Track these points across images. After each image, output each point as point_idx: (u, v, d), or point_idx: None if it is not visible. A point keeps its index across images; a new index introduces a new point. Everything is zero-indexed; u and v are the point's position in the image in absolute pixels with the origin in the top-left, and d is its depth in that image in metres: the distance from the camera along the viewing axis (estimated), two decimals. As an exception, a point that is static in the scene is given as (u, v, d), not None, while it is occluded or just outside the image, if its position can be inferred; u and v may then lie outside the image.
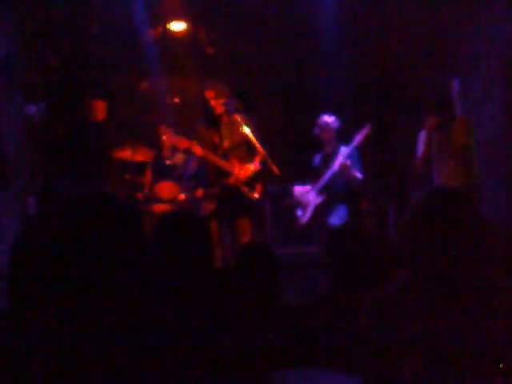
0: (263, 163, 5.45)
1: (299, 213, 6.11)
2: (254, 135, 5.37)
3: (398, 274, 1.85)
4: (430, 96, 5.68)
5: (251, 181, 5.44)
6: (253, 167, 5.44)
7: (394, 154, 7.54)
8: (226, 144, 5.44)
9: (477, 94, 6.53)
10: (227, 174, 5.40)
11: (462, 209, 1.73)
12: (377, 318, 1.70)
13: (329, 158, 6.04)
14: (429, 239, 1.70)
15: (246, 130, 5.35)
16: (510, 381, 1.54)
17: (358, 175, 5.92)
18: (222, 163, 5.39)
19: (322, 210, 5.99)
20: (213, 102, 5.37)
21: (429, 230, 1.70)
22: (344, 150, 5.93)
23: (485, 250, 1.68)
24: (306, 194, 6.09)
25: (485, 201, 5.56)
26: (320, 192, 6.01)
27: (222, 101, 5.37)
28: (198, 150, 5.36)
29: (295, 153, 7.54)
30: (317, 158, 6.20)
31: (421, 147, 5.44)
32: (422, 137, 5.42)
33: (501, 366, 1.53)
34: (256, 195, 5.45)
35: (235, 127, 5.42)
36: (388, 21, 7.16)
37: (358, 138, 5.92)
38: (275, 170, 5.35)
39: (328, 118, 6.09)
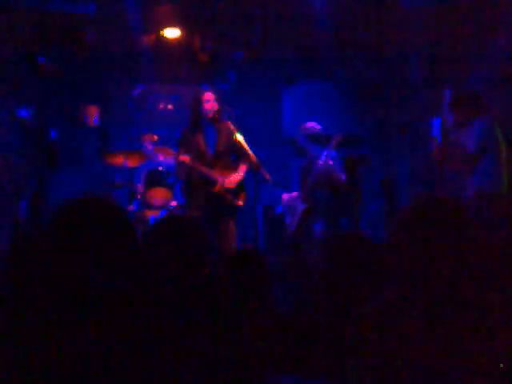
0: (255, 170, 5.44)
1: (288, 220, 6.13)
2: (246, 143, 5.38)
3: (388, 281, 1.85)
4: (455, 92, 5.20)
5: (236, 189, 5.44)
6: (238, 176, 5.45)
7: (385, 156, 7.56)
8: (211, 151, 5.44)
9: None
10: (212, 182, 5.39)
11: (452, 218, 1.74)
12: (369, 326, 1.70)
13: (311, 164, 6.07)
14: (419, 247, 1.70)
15: (239, 138, 5.35)
16: (510, 382, 1.54)
17: (342, 176, 5.92)
18: (207, 171, 5.39)
19: (308, 218, 6.01)
20: (207, 106, 5.38)
21: (418, 238, 1.71)
22: (324, 154, 5.94)
23: (477, 259, 1.69)
24: (294, 200, 6.12)
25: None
26: (304, 199, 6.03)
27: (216, 106, 5.38)
28: (184, 158, 5.36)
29: (289, 159, 7.56)
30: (302, 164, 6.23)
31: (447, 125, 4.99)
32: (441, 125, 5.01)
33: (501, 366, 1.53)
34: (240, 203, 5.46)
35: (225, 134, 5.42)
36: (385, 28, 7.19)
37: (330, 147, 5.87)
38: (267, 177, 5.35)
39: (310, 124, 6.14)
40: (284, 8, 7.16)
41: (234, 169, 5.48)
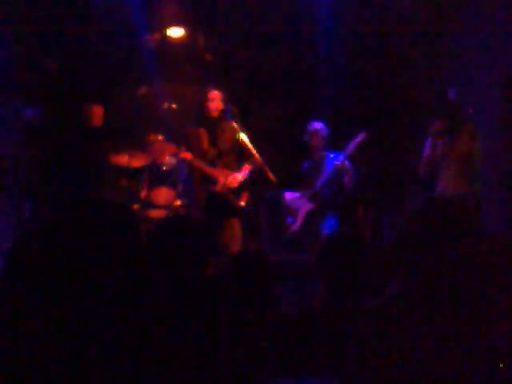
0: (259, 170, 5.45)
1: (289, 220, 6.13)
2: (250, 142, 5.38)
3: (392, 282, 1.85)
4: (436, 101, 5.59)
5: (238, 189, 5.44)
6: (240, 176, 5.44)
7: (391, 162, 7.55)
8: (215, 150, 5.45)
9: (472, 105, 6.51)
10: (213, 181, 5.40)
11: (457, 218, 1.74)
12: (373, 326, 1.70)
13: (317, 165, 6.06)
14: (424, 247, 1.70)
15: (243, 137, 5.36)
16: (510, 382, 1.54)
17: (355, 178, 5.93)
18: (209, 170, 5.39)
19: (313, 218, 6.00)
20: (212, 105, 5.38)
21: (424, 239, 1.71)
22: (335, 156, 5.95)
23: (481, 259, 1.69)
24: (296, 200, 6.11)
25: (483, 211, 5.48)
26: (310, 199, 6.01)
27: (221, 105, 5.38)
28: (186, 155, 5.37)
29: (293, 159, 7.56)
30: (305, 165, 6.22)
31: (426, 152, 5.37)
32: (428, 142, 5.35)
33: (501, 365, 1.53)
34: (242, 203, 5.46)
35: (229, 134, 5.43)
36: (387, 27, 7.19)
37: (352, 146, 5.90)
38: (271, 177, 5.35)
39: (317, 125, 6.14)
40: (287, 7, 7.16)
41: (238, 168, 5.48)
